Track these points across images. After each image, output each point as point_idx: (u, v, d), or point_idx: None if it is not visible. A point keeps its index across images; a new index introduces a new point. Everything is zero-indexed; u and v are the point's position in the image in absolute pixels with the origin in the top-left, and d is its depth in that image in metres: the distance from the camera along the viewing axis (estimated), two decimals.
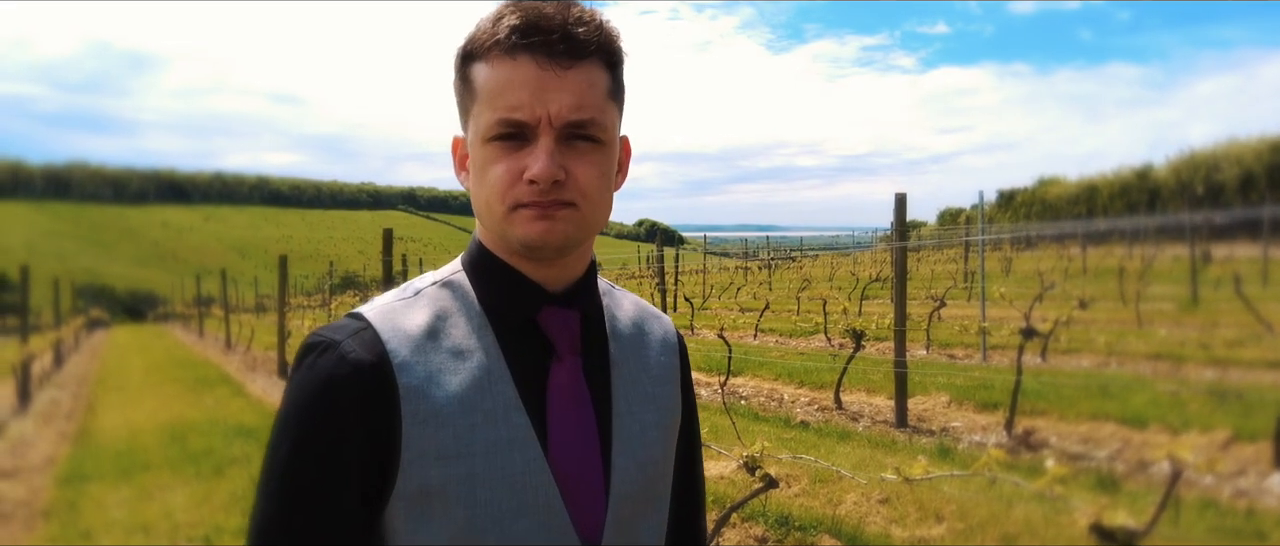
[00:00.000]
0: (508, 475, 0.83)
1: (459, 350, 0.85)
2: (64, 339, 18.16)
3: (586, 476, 0.87)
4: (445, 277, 0.92)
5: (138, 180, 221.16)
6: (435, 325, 0.86)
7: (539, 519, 0.84)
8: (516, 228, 0.84)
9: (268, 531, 0.82)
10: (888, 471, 2.98)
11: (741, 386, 8.60)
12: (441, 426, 0.82)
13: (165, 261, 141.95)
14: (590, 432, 0.89)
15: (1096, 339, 9.12)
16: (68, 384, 14.21)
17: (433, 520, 0.81)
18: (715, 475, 5.22)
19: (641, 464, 0.92)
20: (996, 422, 6.18)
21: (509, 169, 0.83)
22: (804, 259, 41.68)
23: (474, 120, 0.86)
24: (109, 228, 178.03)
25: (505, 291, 0.89)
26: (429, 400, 0.82)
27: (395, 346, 0.83)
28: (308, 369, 0.83)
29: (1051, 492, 2.20)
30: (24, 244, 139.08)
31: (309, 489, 0.81)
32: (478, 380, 0.84)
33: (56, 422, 9.96)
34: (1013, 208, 73.46)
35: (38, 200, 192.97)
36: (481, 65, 0.84)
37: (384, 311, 0.87)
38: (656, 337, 1.02)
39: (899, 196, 6.63)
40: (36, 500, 6.30)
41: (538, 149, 0.82)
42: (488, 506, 0.82)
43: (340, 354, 0.82)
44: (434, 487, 0.81)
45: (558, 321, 0.89)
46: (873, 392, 7.74)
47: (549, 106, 0.81)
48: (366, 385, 0.81)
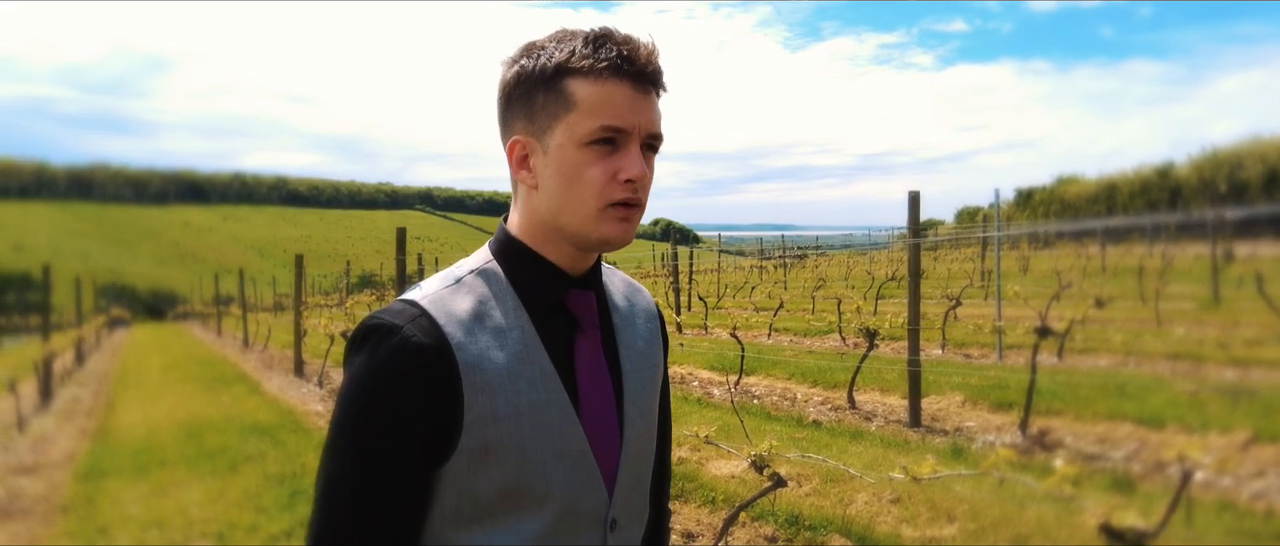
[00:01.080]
0: (548, 430, 1.00)
1: (501, 328, 1.01)
2: (86, 337, 18.39)
3: (607, 427, 1.06)
4: (480, 266, 1.07)
5: (158, 181, 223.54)
6: (479, 308, 1.02)
7: (573, 463, 1.02)
8: (604, 226, 1.00)
9: (339, 490, 0.96)
10: (897, 471, 2.96)
11: (754, 385, 8.58)
12: (494, 394, 0.97)
13: (185, 261, 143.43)
14: (609, 392, 1.07)
15: (1114, 338, 9.02)
16: (89, 381, 14.39)
17: (490, 468, 0.97)
18: (726, 474, 5.21)
19: (644, 413, 1.13)
20: (1011, 422, 6.13)
21: (604, 170, 0.99)
22: (819, 258, 41.52)
23: (567, 127, 0.99)
24: (131, 228, 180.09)
25: (537, 277, 1.05)
26: (483, 373, 0.97)
27: (451, 330, 0.98)
28: (374, 349, 0.96)
29: (1061, 493, 2.17)
30: (48, 244, 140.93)
31: (375, 455, 0.95)
32: (518, 354, 1.00)
33: (77, 419, 10.09)
34: (1031, 206, 72.77)
35: (61, 201, 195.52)
36: (581, 81, 0.98)
37: (435, 299, 1.01)
38: (642, 308, 1.21)
39: (912, 194, 6.57)
40: (56, 495, 6.38)
41: (632, 153, 0.99)
42: (534, 455, 0.99)
43: (405, 337, 0.96)
44: (491, 443, 0.97)
45: (581, 301, 1.07)
46: (887, 392, 7.69)
47: (640, 119, 0.99)
48: (430, 364, 0.95)
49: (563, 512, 1.01)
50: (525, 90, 1.02)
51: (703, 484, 5.10)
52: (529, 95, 1.01)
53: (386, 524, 0.97)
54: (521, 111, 1.03)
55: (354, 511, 0.96)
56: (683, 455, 5.66)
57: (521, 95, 1.02)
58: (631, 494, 1.10)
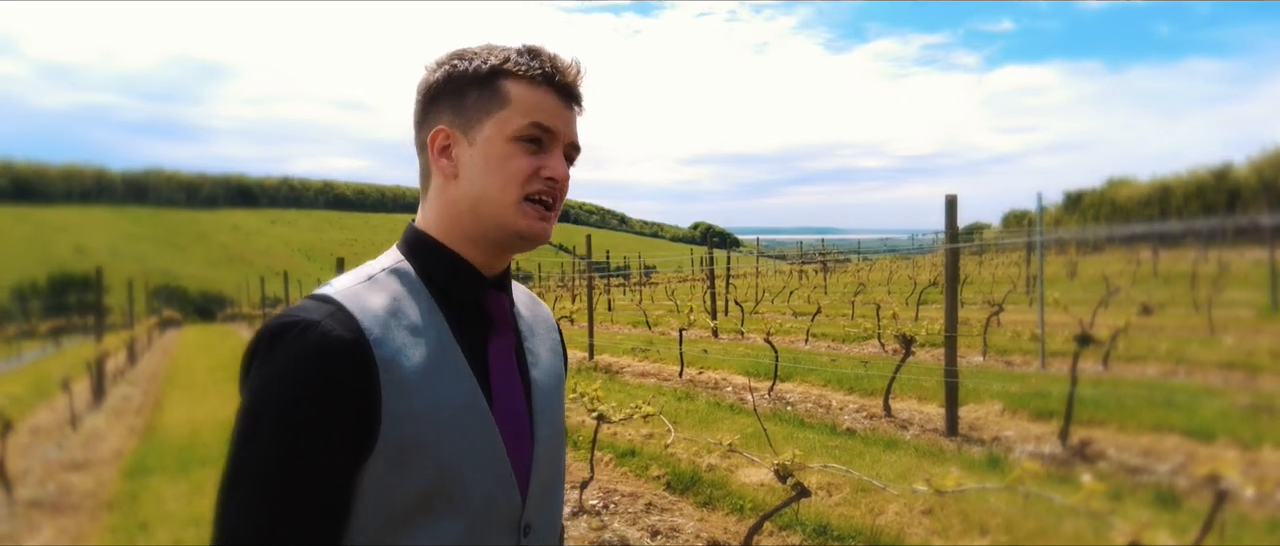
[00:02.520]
0: (466, 430, 0.98)
1: (416, 326, 0.99)
2: (138, 337, 18.93)
3: (520, 428, 1.06)
4: (392, 265, 1.05)
5: (209, 185, 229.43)
6: (393, 305, 1.00)
7: (489, 464, 1.00)
8: (523, 219, 1.02)
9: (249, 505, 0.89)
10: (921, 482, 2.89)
11: (789, 392, 8.48)
12: (412, 392, 0.95)
13: (234, 263, 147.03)
14: (521, 396, 1.08)
15: (1163, 346, 8.73)
16: (140, 380, 14.81)
17: (408, 469, 0.94)
18: (754, 482, 5.15)
19: (551, 420, 1.12)
20: (1051, 432, 5.96)
21: (529, 165, 1.02)
22: (861, 262, 40.98)
23: (498, 122, 1.02)
24: (183, 231, 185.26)
25: (452, 275, 1.05)
26: (400, 370, 0.95)
27: (368, 324, 0.95)
28: (290, 345, 0.91)
29: (1088, 508, 2.09)
30: (106, 246, 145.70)
31: (298, 461, 0.89)
32: (434, 352, 0.99)
33: (126, 417, 10.38)
34: (1080, 209, 71.01)
35: (119, 205, 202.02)
36: (516, 83, 1.03)
37: (349, 293, 0.99)
38: (543, 318, 1.23)
39: (949, 198, 6.45)
40: (103, 491, 6.57)
41: (557, 156, 1.05)
42: (451, 456, 0.96)
43: (324, 331, 0.92)
44: (409, 442, 0.94)
45: (496, 303, 1.08)
46: (924, 400, 7.54)
47: (567, 127, 1.06)
48: (352, 358, 0.92)
49: (479, 515, 0.99)
50: (456, 87, 1.05)
51: (731, 491, 5.05)
52: (460, 91, 1.04)
53: (311, 528, 0.90)
54: (449, 105, 1.05)
55: (279, 519, 0.89)
56: (712, 462, 5.61)
57: (452, 91, 1.05)
58: (544, 499, 1.09)
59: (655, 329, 15.89)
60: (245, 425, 0.91)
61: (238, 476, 0.90)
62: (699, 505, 5.01)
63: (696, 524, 4.71)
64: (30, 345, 27.82)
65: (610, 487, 5.42)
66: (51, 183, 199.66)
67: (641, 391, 8.84)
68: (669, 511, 4.94)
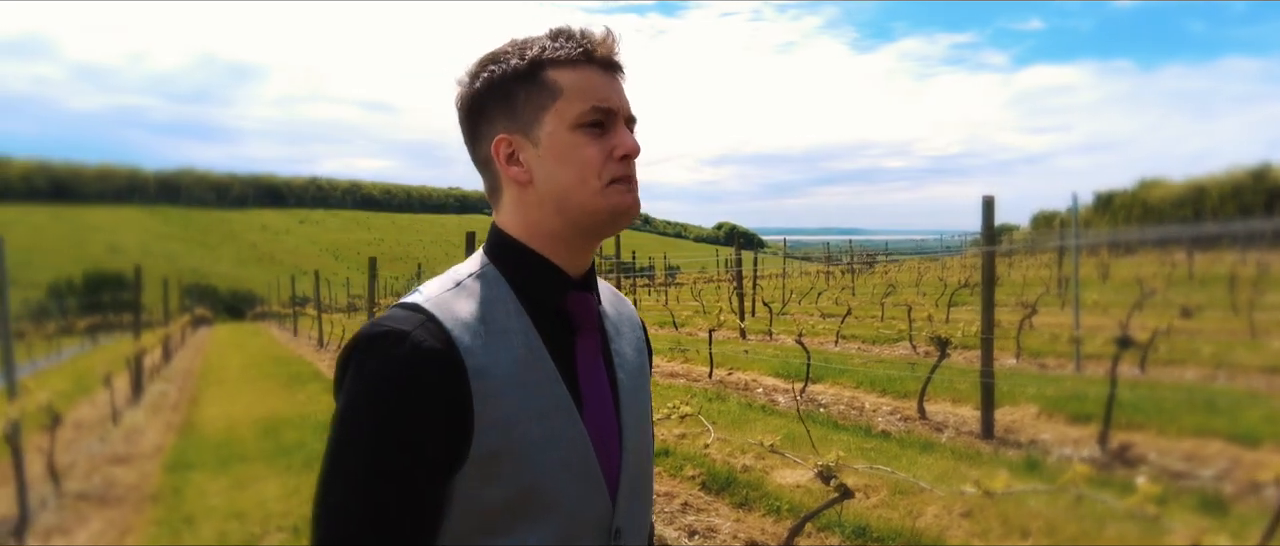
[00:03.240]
0: (555, 436, 0.97)
1: (504, 332, 0.98)
2: (172, 335, 19.27)
3: (608, 433, 1.03)
4: (478, 270, 1.04)
5: (239, 185, 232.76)
6: (481, 312, 0.98)
7: (579, 470, 0.99)
8: (613, 198, 1.00)
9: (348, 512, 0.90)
10: (969, 484, 2.88)
11: (820, 394, 8.45)
12: (502, 400, 0.94)
13: (263, 262, 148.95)
14: (609, 398, 1.05)
15: (1203, 349, 8.59)
16: (175, 377, 15.07)
17: (499, 477, 0.94)
18: (791, 483, 5.15)
19: (639, 421, 1.10)
20: (1089, 436, 5.90)
21: (600, 149, 1.00)
22: (889, 264, 40.65)
23: (556, 114, 1.00)
24: (213, 230, 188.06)
25: (538, 278, 1.03)
26: (490, 378, 0.94)
27: (458, 334, 0.94)
28: (383, 357, 0.92)
29: (1144, 512, 2.08)
30: (139, 245, 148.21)
31: (389, 474, 0.90)
32: (523, 358, 0.97)
33: (164, 413, 10.58)
34: (1111, 210, 69.91)
35: (151, 205, 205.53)
36: (561, 70, 1.00)
37: (438, 302, 0.98)
38: (628, 317, 1.19)
39: (987, 199, 6.40)
40: (146, 485, 6.71)
41: (623, 131, 1.02)
42: (541, 463, 0.95)
43: (415, 342, 0.92)
44: (500, 451, 0.93)
45: (580, 304, 1.05)
46: (958, 402, 7.48)
47: (622, 102, 1.03)
48: (443, 369, 0.92)
49: (570, 520, 0.98)
50: (502, 91, 1.01)
51: (767, 493, 5.05)
52: (507, 95, 1.01)
53: (408, 534, 0.92)
54: (500, 112, 1.02)
55: (375, 525, 0.90)
56: (747, 463, 5.62)
57: (499, 97, 1.02)
58: (633, 503, 1.07)
59: (683, 329, 15.90)
60: (339, 433, 0.93)
61: (331, 482, 0.92)
62: (735, 506, 5.02)
63: (733, 524, 4.72)
64: (69, 342, 28.39)
65: None
66: (86, 183, 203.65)
67: (672, 392, 8.85)
68: (705, 511, 4.95)
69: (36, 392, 6.34)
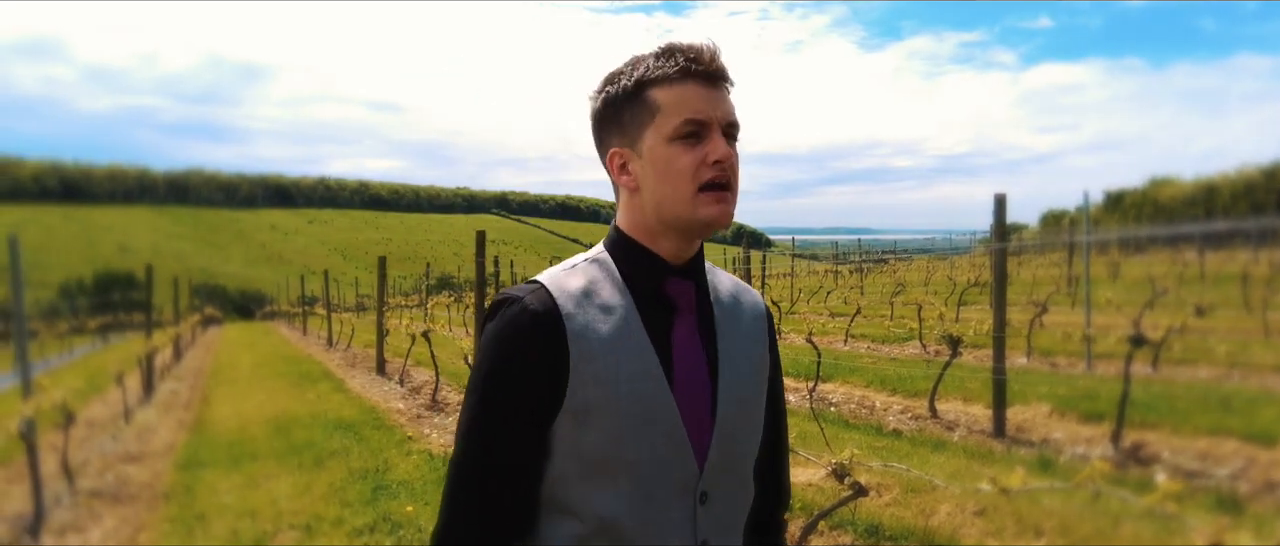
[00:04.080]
0: (643, 397, 1.10)
1: (607, 306, 1.14)
2: (183, 334, 19.36)
3: (700, 404, 1.14)
4: (594, 256, 1.21)
5: (248, 185, 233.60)
6: (589, 288, 1.15)
7: (664, 431, 1.10)
8: (703, 208, 1.11)
9: (469, 432, 1.13)
10: (984, 482, 2.86)
11: (831, 393, 8.44)
12: (596, 360, 1.09)
13: (272, 262, 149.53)
14: (702, 372, 1.15)
15: (1216, 348, 8.54)
16: (186, 376, 15.14)
17: (588, 429, 1.09)
18: (803, 482, 5.13)
19: (740, 399, 1.19)
20: (1102, 434, 5.87)
21: (693, 158, 1.10)
22: (898, 263, 40.52)
23: (655, 129, 1.12)
24: (222, 230, 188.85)
25: (641, 265, 1.17)
26: (588, 341, 1.10)
27: (563, 303, 1.12)
28: (501, 317, 1.13)
29: (1163, 511, 2.06)
30: (149, 245, 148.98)
31: (499, 404, 1.11)
32: (620, 329, 1.12)
33: (176, 412, 10.63)
34: (1121, 209, 69.51)
35: (160, 205, 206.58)
36: (660, 89, 1.12)
37: (552, 277, 1.17)
38: (748, 306, 1.29)
39: (998, 197, 6.37)
40: (158, 483, 6.74)
41: (716, 139, 1.11)
42: (629, 418, 1.09)
43: (525, 305, 1.12)
44: (592, 404, 1.09)
45: (679, 288, 1.17)
46: (970, 401, 7.46)
47: (716, 111, 1.12)
48: (545, 328, 1.10)
49: (653, 476, 1.10)
50: (614, 110, 1.16)
51: None
52: (618, 113, 1.16)
53: (509, 466, 1.11)
54: (614, 128, 1.17)
55: (483, 454, 1.12)
56: None
57: (612, 115, 1.17)
58: (724, 472, 1.16)
59: None
60: (471, 377, 1.15)
61: (463, 414, 1.14)
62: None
63: None
64: (80, 341, 28.56)
65: None
66: (97, 183, 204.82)
67: None
68: None
69: (51, 391, 6.37)
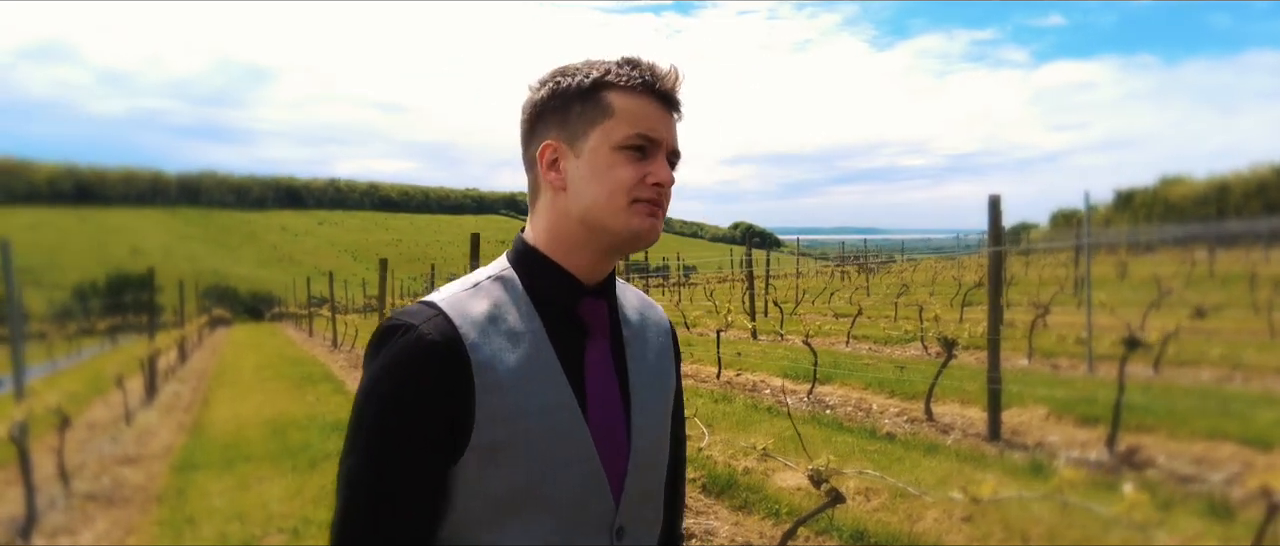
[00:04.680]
0: (556, 431, 1.02)
1: (514, 332, 1.04)
2: (188, 336, 19.46)
3: (614, 433, 1.08)
4: (498, 273, 1.11)
5: (258, 187, 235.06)
6: (494, 311, 1.05)
7: (579, 467, 1.04)
8: (634, 219, 1.05)
9: (358, 482, 1.00)
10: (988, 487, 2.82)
11: (828, 395, 8.39)
12: (505, 393, 1.00)
13: (283, 263, 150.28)
14: (616, 398, 1.09)
15: (1218, 351, 8.44)
16: (189, 378, 15.21)
17: (498, 468, 1.00)
18: (791, 486, 5.10)
19: (652, 425, 1.13)
20: (1098, 438, 5.80)
21: (635, 172, 1.05)
22: (906, 263, 40.35)
23: (603, 132, 1.06)
24: (233, 231, 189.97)
25: (552, 284, 1.09)
26: (494, 372, 1.00)
27: (466, 330, 1.02)
28: (392, 346, 1.01)
29: (1130, 520, 2.02)
30: (161, 247, 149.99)
31: (394, 446, 0.99)
32: (530, 356, 1.03)
33: (176, 414, 10.67)
34: (1131, 209, 69.02)
35: (173, 207, 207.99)
36: (619, 94, 1.06)
37: (452, 300, 1.06)
38: (654, 323, 1.22)
39: (993, 198, 6.31)
40: (153, 485, 6.75)
41: (661, 162, 1.07)
42: (540, 457, 1.01)
43: (421, 334, 1.00)
44: (500, 442, 1.00)
45: (593, 310, 1.10)
46: (967, 404, 7.39)
47: (667, 135, 1.08)
48: (445, 361, 0.99)
49: (569, 515, 1.04)
50: (561, 102, 1.09)
51: (767, 495, 5.00)
52: (565, 106, 1.08)
53: (405, 518, 1.00)
54: (555, 121, 1.09)
55: (374, 505, 1.00)
56: (749, 465, 5.57)
57: (558, 106, 1.09)
58: (640, 503, 1.11)
59: (693, 329, 15.84)
60: (354, 414, 1.03)
61: (346, 458, 1.02)
62: (734, 509, 4.98)
63: (732, 527, 4.68)
64: (89, 342, 28.75)
65: None
66: (110, 186, 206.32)
67: None
68: (704, 514, 4.91)
69: (45, 394, 6.39)
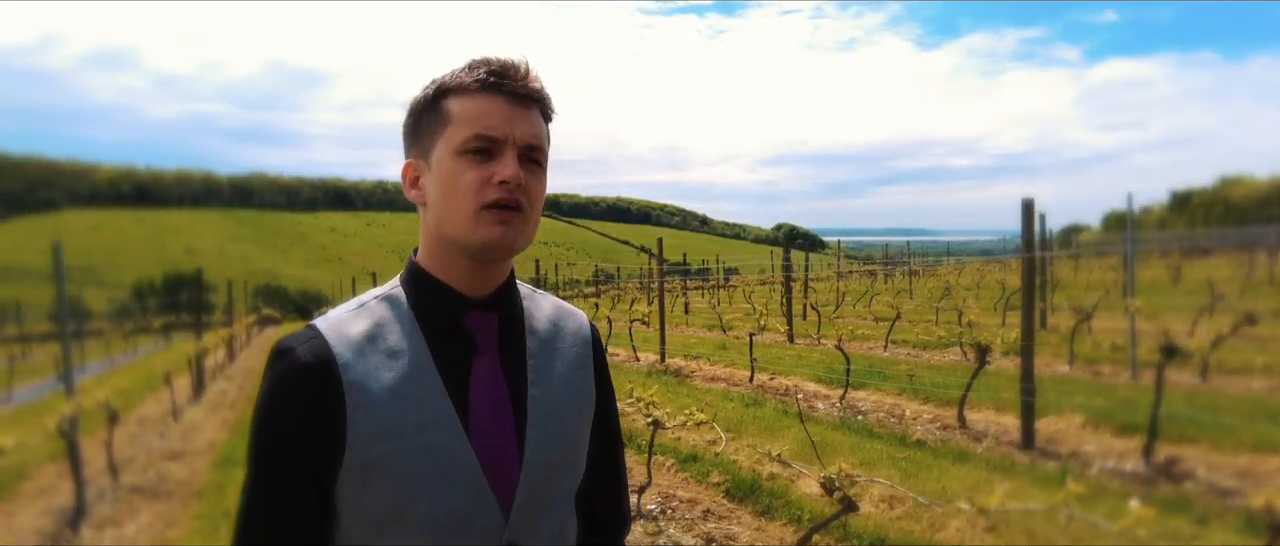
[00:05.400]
0: (433, 448, 1.01)
1: (393, 350, 1.04)
2: (236, 335, 19.98)
3: (503, 447, 1.05)
4: (386, 293, 1.11)
5: (309, 189, 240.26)
6: (374, 331, 1.05)
7: (460, 483, 1.02)
8: (482, 229, 1.01)
9: (247, 506, 1.03)
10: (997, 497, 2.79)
11: (861, 401, 8.29)
12: (378, 412, 1.00)
13: (331, 263, 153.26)
14: (505, 411, 1.06)
15: (1268, 359, 8.15)
16: (236, 376, 15.61)
17: (374, 487, 1.00)
18: (815, 493, 5.06)
19: (553, 436, 1.10)
20: (1135, 448, 5.65)
21: (479, 175, 1.01)
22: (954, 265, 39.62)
23: (444, 141, 1.03)
24: (284, 232, 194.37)
25: (435, 300, 1.07)
26: (367, 393, 1.00)
27: (340, 351, 1.02)
28: (270, 370, 1.03)
29: (1134, 537, 1.98)
30: (214, 247, 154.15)
31: (274, 466, 1.02)
32: (408, 374, 1.03)
33: (222, 411, 10.97)
34: (1189, 210, 66.82)
35: (225, 208, 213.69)
36: (457, 99, 1.04)
37: (333, 322, 1.06)
38: (570, 331, 1.19)
39: (1026, 202, 6.19)
40: (195, 481, 6.96)
41: (506, 160, 1.02)
42: (418, 474, 1.00)
43: (296, 357, 1.01)
44: (373, 461, 0.99)
45: (479, 323, 1.08)
46: (1002, 411, 7.25)
47: (516, 130, 1.03)
48: (317, 382, 1.00)
49: (450, 531, 1.02)
50: (413, 119, 1.08)
51: (790, 501, 4.98)
52: (417, 121, 1.08)
53: (288, 531, 1.02)
54: (412, 138, 1.09)
55: (260, 517, 1.02)
56: (774, 471, 5.54)
57: (412, 123, 1.09)
58: (536, 517, 1.08)
59: (730, 332, 15.79)
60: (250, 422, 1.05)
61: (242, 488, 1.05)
62: (757, 514, 4.96)
63: (753, 532, 4.67)
64: (145, 340, 29.69)
65: (670, 493, 5.42)
66: (166, 187, 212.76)
67: (709, 396, 8.80)
68: (726, 519, 4.91)
69: (94, 391, 6.63)
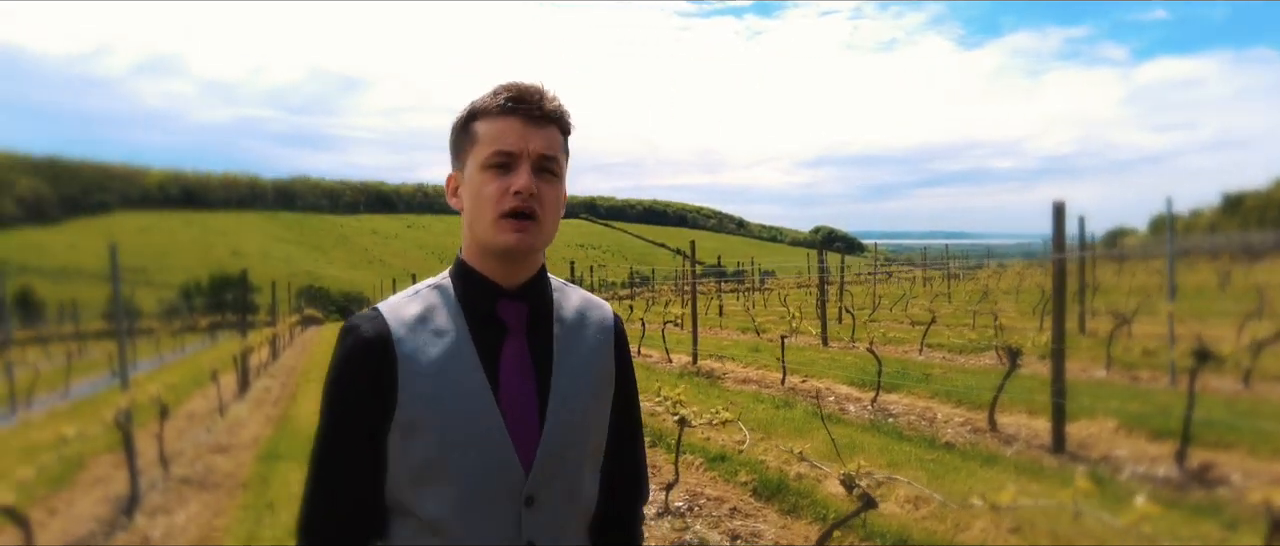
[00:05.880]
0: (467, 412, 1.20)
1: (439, 330, 1.25)
2: (280, 334, 20.48)
3: (526, 418, 1.23)
4: (437, 282, 1.32)
5: (351, 192, 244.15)
6: (424, 314, 1.26)
7: (489, 443, 1.21)
8: (502, 234, 1.21)
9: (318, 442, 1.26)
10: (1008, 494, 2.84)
11: (893, 404, 8.29)
12: (423, 380, 1.20)
13: (373, 265, 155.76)
14: (530, 387, 1.25)
15: None
16: (279, 374, 16.05)
17: (416, 442, 1.20)
18: (840, 493, 5.10)
19: (572, 411, 1.27)
20: (1168, 453, 5.59)
21: (499, 187, 1.21)
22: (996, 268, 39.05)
23: (473, 157, 1.25)
24: (326, 234, 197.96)
25: (475, 290, 1.28)
26: (416, 364, 1.21)
27: (396, 328, 1.23)
28: (340, 343, 1.25)
29: (1139, 532, 2.03)
30: (258, 249, 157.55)
31: (338, 423, 1.24)
32: (450, 351, 1.23)
33: (265, 407, 11.31)
34: (1242, 212, 64.80)
35: (270, 210, 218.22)
36: (483, 121, 1.25)
37: (391, 305, 1.28)
38: (594, 320, 1.37)
39: (1057, 205, 6.16)
40: (240, 473, 7.22)
41: (521, 171, 1.22)
42: (453, 431, 1.20)
43: (360, 333, 1.23)
44: (417, 420, 1.20)
45: (510, 310, 1.27)
46: (1034, 414, 7.20)
47: (529, 145, 1.22)
48: (378, 355, 1.21)
49: (478, 481, 1.20)
50: (453, 138, 1.31)
51: (816, 500, 5.03)
52: (456, 140, 1.30)
53: (350, 472, 1.23)
54: (453, 153, 1.32)
55: (329, 466, 1.24)
56: (801, 471, 5.60)
57: (452, 143, 1.31)
58: (553, 477, 1.25)
59: (763, 335, 15.80)
60: (321, 399, 1.27)
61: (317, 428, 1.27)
62: (783, 513, 5.03)
63: (778, 530, 4.73)
64: (192, 338, 30.55)
65: (697, 490, 5.51)
66: (213, 190, 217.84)
67: (740, 398, 8.86)
68: (752, 517, 4.98)
69: (147, 386, 6.92)
